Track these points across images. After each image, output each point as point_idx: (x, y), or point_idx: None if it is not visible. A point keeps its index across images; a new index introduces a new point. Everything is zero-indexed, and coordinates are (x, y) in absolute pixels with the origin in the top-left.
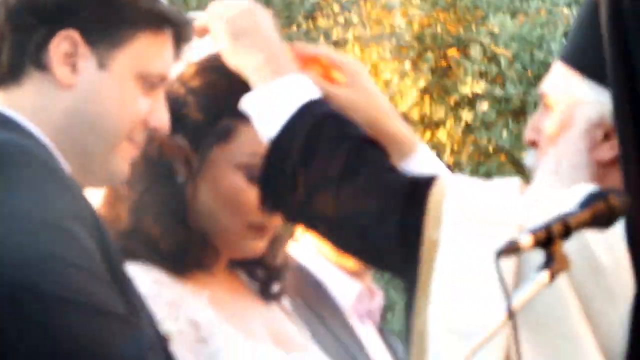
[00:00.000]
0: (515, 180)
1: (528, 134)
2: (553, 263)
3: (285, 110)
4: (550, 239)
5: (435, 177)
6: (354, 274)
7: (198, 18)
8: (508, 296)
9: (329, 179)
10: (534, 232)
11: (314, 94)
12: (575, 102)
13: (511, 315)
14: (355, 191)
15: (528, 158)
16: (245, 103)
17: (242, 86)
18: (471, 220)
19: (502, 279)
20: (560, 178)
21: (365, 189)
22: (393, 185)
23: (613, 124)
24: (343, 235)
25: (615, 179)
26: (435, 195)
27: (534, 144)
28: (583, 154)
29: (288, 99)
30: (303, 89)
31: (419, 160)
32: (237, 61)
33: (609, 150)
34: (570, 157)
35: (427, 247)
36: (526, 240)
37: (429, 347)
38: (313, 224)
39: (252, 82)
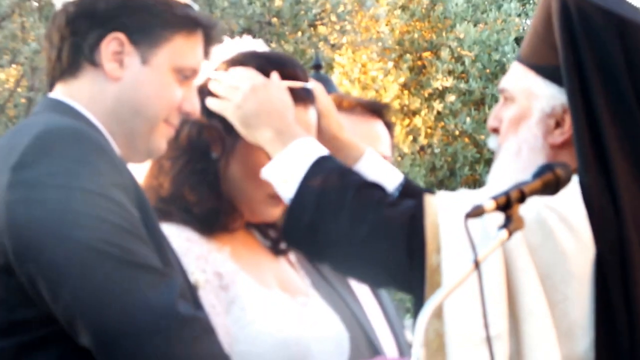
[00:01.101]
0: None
1: (490, 122)
2: (511, 223)
3: (297, 173)
4: (508, 203)
5: (425, 202)
6: None
7: (215, 84)
8: (474, 250)
9: (342, 225)
10: (496, 198)
11: (320, 151)
12: (531, 96)
13: (477, 265)
14: (367, 232)
15: (491, 142)
16: (265, 173)
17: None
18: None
19: (470, 237)
20: (522, 159)
21: (374, 228)
22: (395, 220)
23: (563, 114)
24: (360, 268)
25: (565, 158)
26: (430, 224)
27: (495, 131)
28: (539, 139)
29: (298, 162)
30: (309, 151)
31: (366, 161)
32: (251, 139)
33: (560, 136)
34: (529, 142)
35: (430, 272)
36: (489, 204)
37: (449, 357)
38: (332, 261)
39: (268, 152)
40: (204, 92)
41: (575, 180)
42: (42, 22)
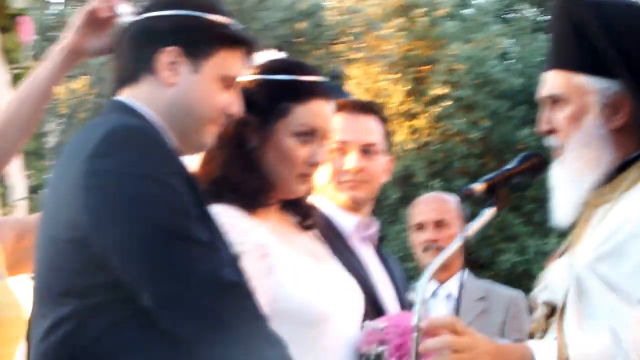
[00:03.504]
0: None
1: (544, 127)
2: (498, 201)
3: None
4: (495, 185)
5: None
6: (351, 210)
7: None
8: (465, 226)
9: None
10: (485, 180)
11: None
12: (586, 93)
13: (465, 238)
14: None
15: (550, 141)
16: None
17: (293, 79)
18: None
19: (464, 216)
20: (592, 148)
21: None
22: None
23: (618, 101)
24: None
25: (628, 139)
26: None
27: (550, 132)
28: (603, 127)
29: None
30: None
31: None
32: None
33: (620, 120)
34: (595, 132)
35: None
36: (480, 186)
37: None
38: None
39: None
40: (244, 91)
41: None
42: None
